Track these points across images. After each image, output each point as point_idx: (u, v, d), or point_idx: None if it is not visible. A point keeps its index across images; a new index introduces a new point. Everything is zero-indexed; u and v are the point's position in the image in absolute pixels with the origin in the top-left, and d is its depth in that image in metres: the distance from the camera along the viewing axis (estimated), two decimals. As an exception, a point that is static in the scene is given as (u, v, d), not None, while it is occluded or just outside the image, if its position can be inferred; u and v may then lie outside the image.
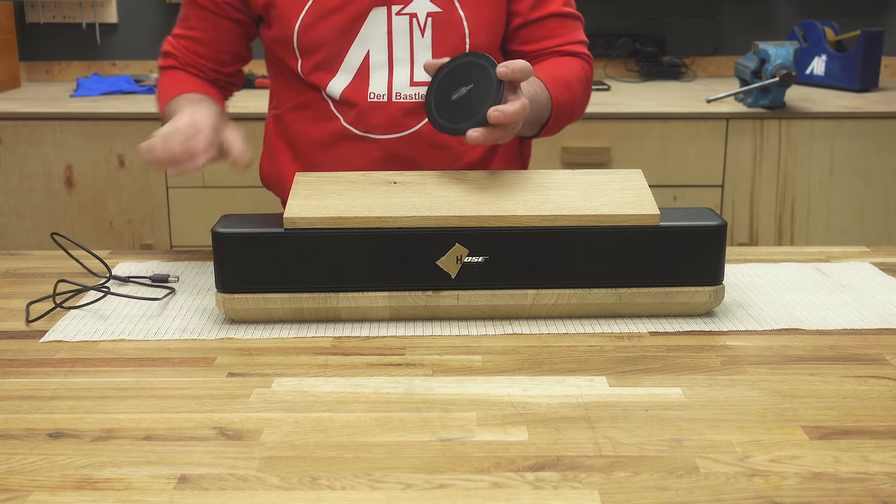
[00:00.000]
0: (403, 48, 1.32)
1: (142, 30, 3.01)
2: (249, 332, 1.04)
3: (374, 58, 1.32)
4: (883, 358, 0.97)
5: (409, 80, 1.33)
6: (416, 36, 1.32)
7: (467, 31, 1.33)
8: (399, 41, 1.32)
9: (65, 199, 2.53)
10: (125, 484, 0.74)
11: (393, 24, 1.31)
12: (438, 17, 1.31)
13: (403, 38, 1.32)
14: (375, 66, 1.33)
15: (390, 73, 1.33)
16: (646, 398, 0.88)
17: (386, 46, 1.32)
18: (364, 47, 1.32)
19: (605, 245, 1.04)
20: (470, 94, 1.08)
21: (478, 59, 1.09)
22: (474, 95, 1.08)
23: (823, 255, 1.32)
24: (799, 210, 2.52)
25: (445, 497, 0.72)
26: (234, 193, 2.52)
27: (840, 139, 2.48)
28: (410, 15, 1.31)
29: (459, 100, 1.09)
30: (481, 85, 1.08)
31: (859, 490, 0.72)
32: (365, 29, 1.31)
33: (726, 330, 1.05)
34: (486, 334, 1.04)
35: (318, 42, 1.32)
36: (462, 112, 1.08)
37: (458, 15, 1.32)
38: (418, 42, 1.32)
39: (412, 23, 1.31)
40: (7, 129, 2.49)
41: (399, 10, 1.31)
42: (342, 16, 1.31)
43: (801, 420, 0.84)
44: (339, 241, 1.03)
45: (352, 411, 0.86)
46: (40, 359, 0.98)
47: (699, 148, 2.48)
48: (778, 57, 2.43)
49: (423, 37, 1.32)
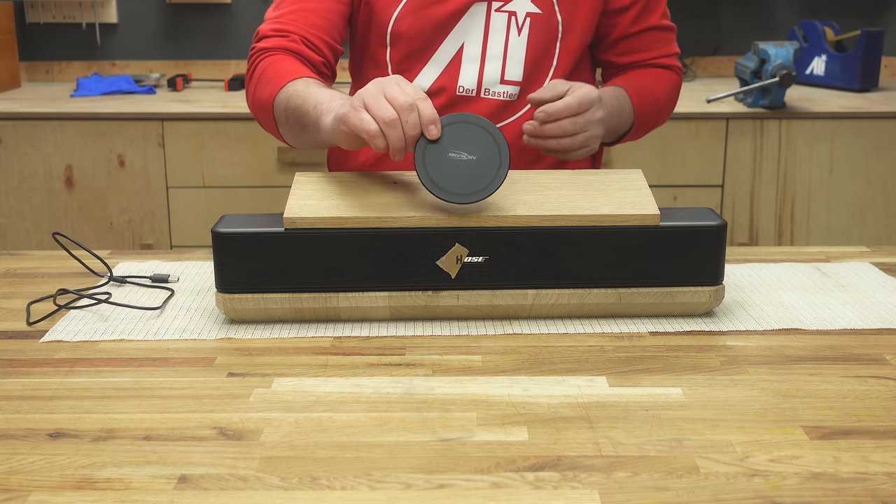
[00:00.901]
0: (498, 44, 1.33)
1: (142, 30, 3.01)
2: (249, 332, 1.04)
3: (468, 51, 1.33)
4: (883, 358, 0.97)
5: (500, 77, 1.34)
6: (513, 34, 1.32)
7: (561, 33, 1.34)
8: (494, 37, 1.33)
9: (65, 199, 2.53)
10: (125, 484, 0.74)
11: (491, 19, 1.32)
12: (537, 17, 1.32)
13: (499, 35, 1.33)
14: (467, 60, 1.33)
15: (481, 67, 1.33)
16: (646, 398, 0.88)
17: (481, 41, 1.33)
18: (459, 40, 1.33)
19: (605, 245, 1.04)
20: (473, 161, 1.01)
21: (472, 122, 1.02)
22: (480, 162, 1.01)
23: (823, 255, 1.32)
24: (799, 210, 2.52)
25: (445, 497, 0.72)
26: (234, 193, 2.52)
27: (840, 139, 2.47)
28: (510, 13, 1.32)
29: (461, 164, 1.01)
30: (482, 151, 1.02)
31: (859, 490, 0.72)
32: (463, 22, 1.32)
33: (726, 330, 1.05)
34: (486, 334, 1.04)
35: (414, 32, 1.32)
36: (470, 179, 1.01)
37: (555, 17, 1.33)
38: (514, 40, 1.33)
39: (510, 20, 1.32)
40: (7, 129, 2.49)
41: (499, 6, 1.31)
42: (443, 8, 1.31)
43: (801, 420, 0.84)
44: (339, 241, 1.03)
45: (352, 411, 0.86)
46: (40, 359, 0.98)
47: (699, 148, 2.48)
48: (778, 57, 2.43)
49: (518, 35, 1.32)
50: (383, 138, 0.99)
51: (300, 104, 1.17)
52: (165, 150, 2.50)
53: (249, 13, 2.99)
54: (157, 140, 2.49)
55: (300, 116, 1.18)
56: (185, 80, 2.86)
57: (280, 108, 1.22)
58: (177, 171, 2.51)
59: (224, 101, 2.59)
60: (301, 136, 1.21)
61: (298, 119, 1.18)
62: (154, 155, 2.50)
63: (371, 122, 0.98)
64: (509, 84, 1.34)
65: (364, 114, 0.99)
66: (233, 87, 2.77)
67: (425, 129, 0.99)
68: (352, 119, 1.00)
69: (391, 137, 0.98)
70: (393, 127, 0.98)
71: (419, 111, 0.99)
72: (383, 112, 0.98)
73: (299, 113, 1.18)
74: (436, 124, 0.99)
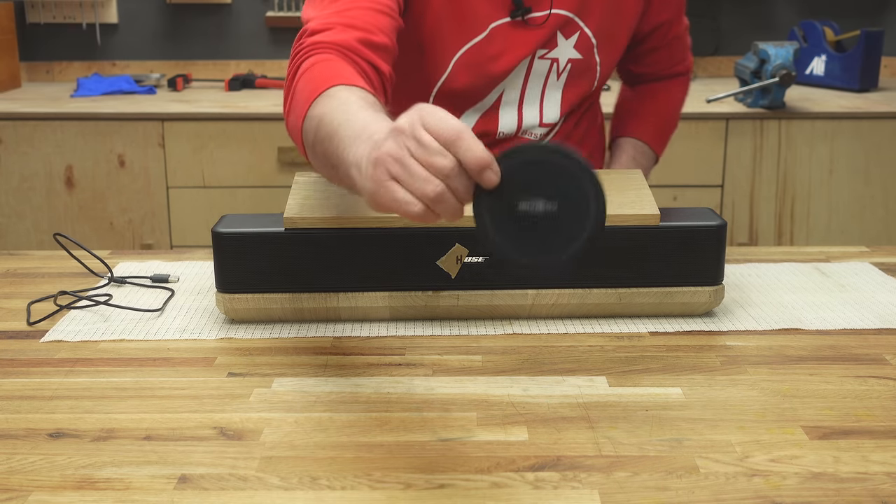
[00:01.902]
0: (536, 88, 1.32)
1: (142, 30, 3.01)
2: (249, 332, 1.04)
3: (507, 97, 1.31)
4: (883, 358, 0.97)
5: (539, 121, 1.33)
6: (552, 79, 1.31)
7: (598, 76, 1.34)
8: (534, 82, 1.31)
9: (65, 199, 2.53)
10: (125, 484, 0.74)
11: (534, 66, 1.30)
12: (578, 63, 1.31)
13: (538, 80, 1.31)
14: (506, 104, 1.32)
15: (520, 111, 1.32)
16: (646, 398, 0.88)
17: (521, 87, 1.31)
18: (501, 88, 1.31)
19: (605, 245, 1.04)
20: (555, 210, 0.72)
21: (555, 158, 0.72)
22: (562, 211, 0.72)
23: (823, 255, 1.32)
24: (799, 210, 2.52)
25: (445, 497, 0.72)
26: (234, 193, 2.52)
27: (840, 139, 2.47)
28: (553, 60, 1.30)
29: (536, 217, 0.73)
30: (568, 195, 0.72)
31: (859, 490, 0.72)
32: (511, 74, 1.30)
33: (726, 330, 1.05)
34: (486, 334, 1.04)
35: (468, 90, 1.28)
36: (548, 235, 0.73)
37: (594, 61, 1.32)
38: (551, 84, 1.32)
39: (551, 66, 1.31)
40: (7, 129, 2.49)
41: (543, 54, 1.29)
42: (499, 65, 1.27)
43: (801, 420, 0.84)
44: (339, 241, 1.03)
45: (352, 411, 0.86)
46: (40, 359, 0.98)
47: (699, 148, 2.48)
48: (778, 57, 2.43)
49: (557, 80, 1.32)
50: (434, 214, 0.73)
51: (330, 135, 0.87)
52: (165, 150, 2.50)
53: (249, 13, 2.99)
54: (157, 140, 2.49)
55: (327, 148, 0.88)
56: (186, 81, 2.86)
57: (310, 127, 0.92)
58: (177, 171, 2.51)
59: (224, 101, 2.59)
60: (327, 171, 0.92)
61: (325, 151, 0.88)
62: (154, 155, 2.50)
63: (411, 202, 0.72)
64: (547, 126, 1.34)
65: (397, 191, 0.72)
66: (233, 87, 2.77)
67: (478, 177, 0.71)
68: (384, 201, 0.73)
69: (444, 212, 0.73)
70: (441, 201, 0.72)
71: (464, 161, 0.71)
72: (421, 187, 0.71)
73: (328, 144, 0.87)
74: (491, 167, 0.71)
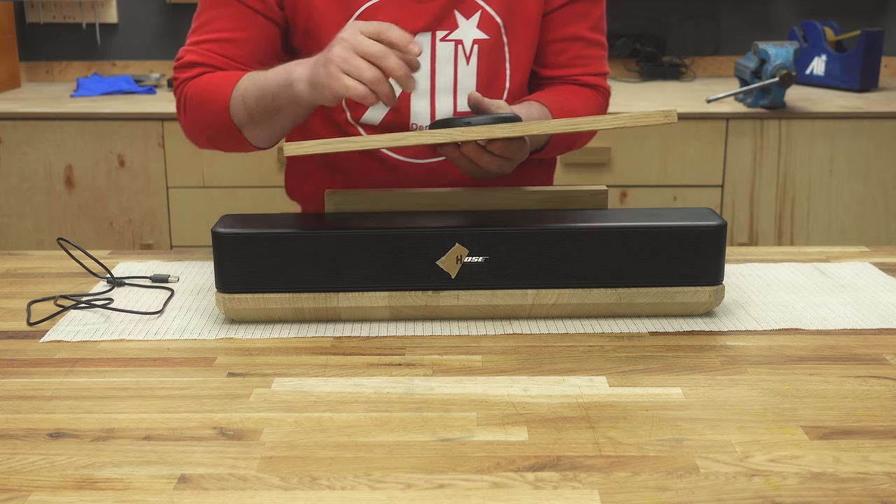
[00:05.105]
0: (446, 74, 1.27)
1: (142, 30, 3.01)
2: (249, 332, 1.04)
3: None
4: (883, 358, 0.97)
5: (453, 110, 1.28)
6: (461, 63, 1.27)
7: (508, 58, 1.28)
8: (442, 68, 1.27)
9: (65, 199, 2.53)
10: (125, 484, 0.74)
11: (437, 50, 1.26)
12: (485, 44, 1.27)
13: (447, 66, 1.27)
14: (417, 94, 1.27)
15: (432, 101, 1.28)
16: (646, 398, 0.88)
17: (429, 74, 1.27)
18: None
19: (604, 245, 1.04)
20: None
21: None
22: None
23: (823, 255, 1.32)
24: (799, 210, 2.52)
25: (445, 497, 0.72)
26: (234, 193, 2.52)
27: (840, 139, 2.48)
28: (456, 41, 1.26)
29: None
30: None
31: (859, 490, 0.72)
32: None
33: (726, 330, 1.05)
34: (486, 334, 1.04)
35: None
36: None
37: (501, 41, 1.27)
38: (462, 69, 1.27)
39: (457, 50, 1.26)
40: (7, 129, 2.49)
41: (444, 35, 1.25)
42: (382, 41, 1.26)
43: (801, 420, 0.84)
44: (339, 241, 1.03)
45: (352, 411, 0.86)
46: (40, 359, 0.98)
47: (699, 148, 2.48)
48: (778, 57, 2.43)
49: (468, 64, 1.27)
50: (374, 95, 1.01)
51: (261, 94, 1.14)
52: (165, 150, 2.50)
53: (249, 13, 2.98)
54: (157, 140, 2.49)
55: (268, 103, 1.14)
56: (185, 80, 2.86)
57: (238, 111, 1.18)
58: (177, 171, 2.51)
59: (224, 101, 2.59)
60: (275, 122, 1.17)
61: (267, 107, 1.15)
62: (154, 155, 2.50)
63: (357, 86, 1.00)
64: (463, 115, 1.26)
65: (346, 79, 1.00)
66: (233, 87, 2.77)
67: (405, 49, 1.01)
68: (336, 87, 1.01)
69: (381, 92, 1.01)
70: (380, 83, 1.00)
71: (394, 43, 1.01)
72: (365, 73, 1.00)
73: (266, 100, 1.14)
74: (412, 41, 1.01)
